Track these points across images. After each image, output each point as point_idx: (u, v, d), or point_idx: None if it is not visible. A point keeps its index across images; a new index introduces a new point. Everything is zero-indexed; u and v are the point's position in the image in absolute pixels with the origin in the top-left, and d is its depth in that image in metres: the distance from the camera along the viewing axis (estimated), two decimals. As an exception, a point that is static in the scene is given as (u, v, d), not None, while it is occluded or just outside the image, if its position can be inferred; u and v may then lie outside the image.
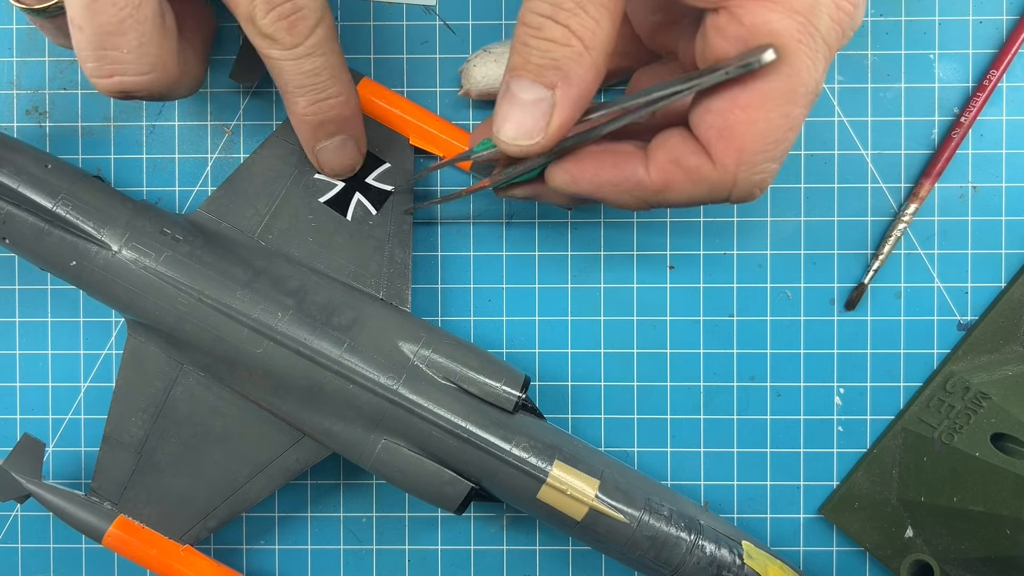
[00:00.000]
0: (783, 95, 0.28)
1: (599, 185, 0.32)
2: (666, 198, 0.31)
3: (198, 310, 0.36)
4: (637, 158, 0.31)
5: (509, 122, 0.30)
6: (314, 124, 0.36)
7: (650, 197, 0.31)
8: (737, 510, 0.42)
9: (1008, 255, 0.41)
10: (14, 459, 0.39)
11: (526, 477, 0.36)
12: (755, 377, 0.42)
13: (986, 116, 0.41)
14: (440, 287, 0.42)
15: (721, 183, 0.30)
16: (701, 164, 0.29)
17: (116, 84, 0.33)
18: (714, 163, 0.29)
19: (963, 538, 0.39)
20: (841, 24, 0.28)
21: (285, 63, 0.33)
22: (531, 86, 0.29)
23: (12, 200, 0.37)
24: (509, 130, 0.30)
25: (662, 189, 0.31)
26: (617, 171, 0.31)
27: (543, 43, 0.29)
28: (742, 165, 0.29)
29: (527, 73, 0.29)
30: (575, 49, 0.29)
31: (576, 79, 0.29)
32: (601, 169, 0.32)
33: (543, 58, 0.29)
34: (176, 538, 0.39)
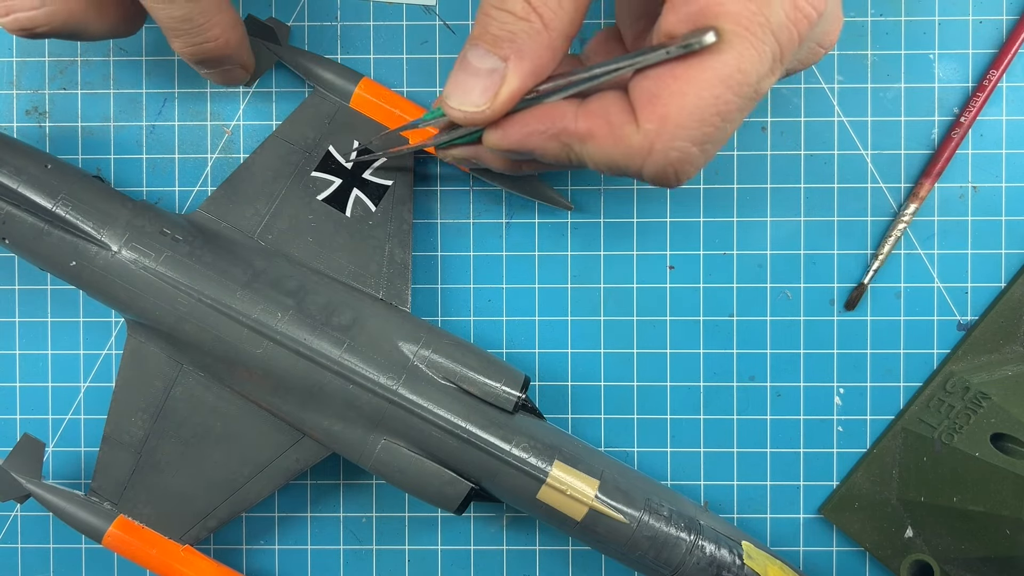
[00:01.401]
0: (719, 77, 0.28)
1: (528, 134, 0.31)
2: (587, 150, 0.31)
3: (198, 310, 0.36)
4: (569, 108, 0.31)
5: (458, 88, 0.31)
6: (193, 60, 0.36)
7: (573, 145, 0.31)
8: (737, 510, 0.42)
9: (1008, 255, 0.41)
10: (14, 459, 0.39)
11: (526, 477, 0.36)
12: (755, 377, 0.42)
13: (986, 116, 0.41)
14: (440, 287, 0.42)
15: (638, 148, 0.29)
16: (625, 123, 0.29)
17: (12, 21, 0.33)
18: (637, 125, 0.29)
19: (963, 538, 0.39)
20: (797, 25, 0.28)
21: (155, 9, 0.33)
22: (485, 55, 0.30)
23: (12, 200, 0.37)
24: (457, 96, 0.31)
25: (585, 137, 0.30)
26: (546, 118, 0.31)
27: (503, 15, 0.29)
28: (662, 135, 0.29)
29: (483, 42, 0.30)
30: (533, 25, 0.29)
31: (530, 54, 0.30)
32: (530, 118, 0.31)
33: (500, 29, 0.29)
34: (176, 538, 0.39)
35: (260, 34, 0.40)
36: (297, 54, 0.40)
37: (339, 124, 0.40)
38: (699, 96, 0.28)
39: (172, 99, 0.42)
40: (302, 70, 0.40)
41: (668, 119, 0.28)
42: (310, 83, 0.40)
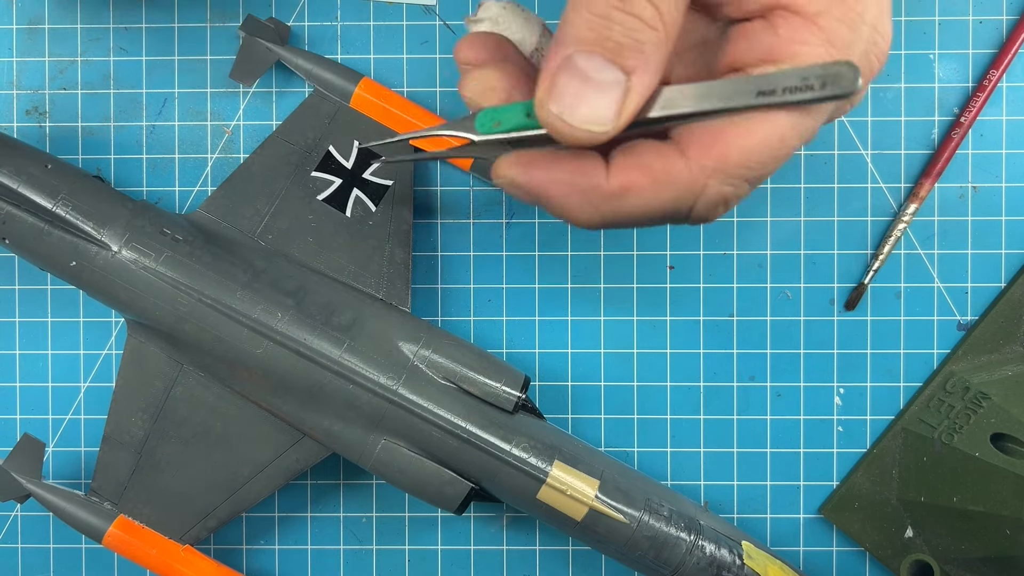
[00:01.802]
0: (791, 121, 0.27)
1: (552, 181, 0.28)
2: (621, 206, 0.28)
3: (198, 310, 0.36)
4: (597, 164, 0.28)
5: (575, 100, 0.26)
6: None
7: (604, 203, 0.28)
8: (737, 510, 0.42)
9: (1008, 255, 0.41)
10: (14, 459, 0.39)
11: (526, 477, 0.36)
12: (755, 377, 0.42)
13: (986, 116, 0.41)
14: (440, 287, 0.42)
15: (690, 187, 0.27)
16: (671, 165, 0.27)
17: None
18: (688, 164, 0.27)
19: (963, 538, 0.39)
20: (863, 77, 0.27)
21: None
22: (606, 66, 0.26)
23: (12, 200, 0.37)
24: (583, 112, 0.26)
25: (620, 193, 0.27)
26: (574, 169, 0.28)
27: (631, 20, 0.25)
28: (718, 172, 0.27)
29: (603, 51, 0.26)
30: (660, 35, 0.26)
31: (655, 68, 0.26)
32: (557, 163, 0.28)
33: (627, 36, 0.25)
34: (176, 538, 0.39)
35: (260, 34, 0.40)
36: (297, 54, 0.40)
37: (339, 124, 0.40)
38: (767, 136, 0.26)
39: (172, 99, 0.42)
40: (302, 70, 0.40)
41: (728, 156, 0.27)
42: (310, 83, 0.40)
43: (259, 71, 0.40)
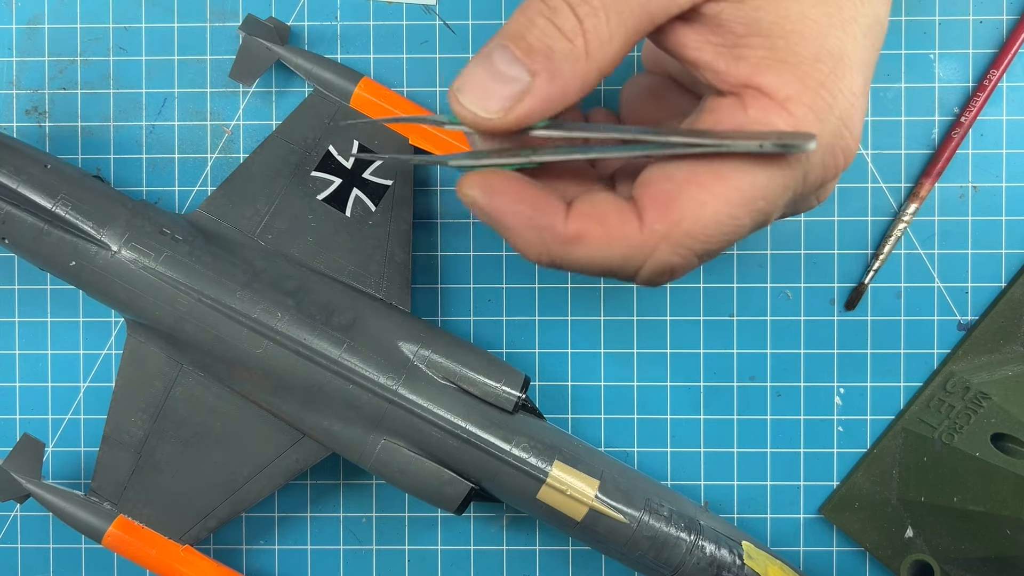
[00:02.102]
0: (743, 199, 0.27)
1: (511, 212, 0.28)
2: (571, 252, 0.28)
3: (198, 310, 0.36)
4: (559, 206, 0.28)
5: (475, 87, 0.27)
6: None
7: (556, 246, 0.28)
8: (737, 510, 0.42)
9: (1008, 255, 0.41)
10: (14, 459, 0.39)
11: (526, 477, 0.36)
12: (755, 377, 0.42)
13: (986, 116, 0.41)
14: (440, 287, 0.42)
15: (640, 249, 0.28)
16: (626, 223, 0.28)
17: None
18: (642, 225, 0.27)
19: (963, 538, 0.39)
20: (826, 171, 0.28)
21: None
22: (513, 62, 0.27)
23: (11, 200, 0.37)
24: (471, 95, 0.27)
25: (573, 240, 0.28)
26: (535, 205, 0.28)
27: (548, 26, 0.27)
28: (669, 239, 0.27)
29: (516, 47, 0.27)
30: (576, 50, 0.27)
31: (561, 79, 0.27)
32: (520, 196, 0.28)
33: (540, 41, 0.27)
34: (176, 538, 0.39)
35: (260, 34, 0.40)
36: (297, 54, 0.40)
37: (339, 124, 0.40)
38: (718, 212, 0.27)
39: (172, 99, 0.42)
40: (302, 70, 0.40)
41: (680, 226, 0.27)
42: (310, 83, 0.40)
43: (259, 71, 0.40)
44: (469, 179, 0.29)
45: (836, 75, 0.27)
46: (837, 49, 0.27)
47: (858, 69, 0.27)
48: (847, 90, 0.27)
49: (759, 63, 0.26)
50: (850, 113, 0.27)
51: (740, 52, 0.27)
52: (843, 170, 0.29)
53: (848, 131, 0.28)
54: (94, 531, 0.38)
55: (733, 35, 0.27)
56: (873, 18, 0.28)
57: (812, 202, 0.31)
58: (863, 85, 0.28)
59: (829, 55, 0.27)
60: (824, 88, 0.27)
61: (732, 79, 0.27)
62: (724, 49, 0.27)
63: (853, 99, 0.27)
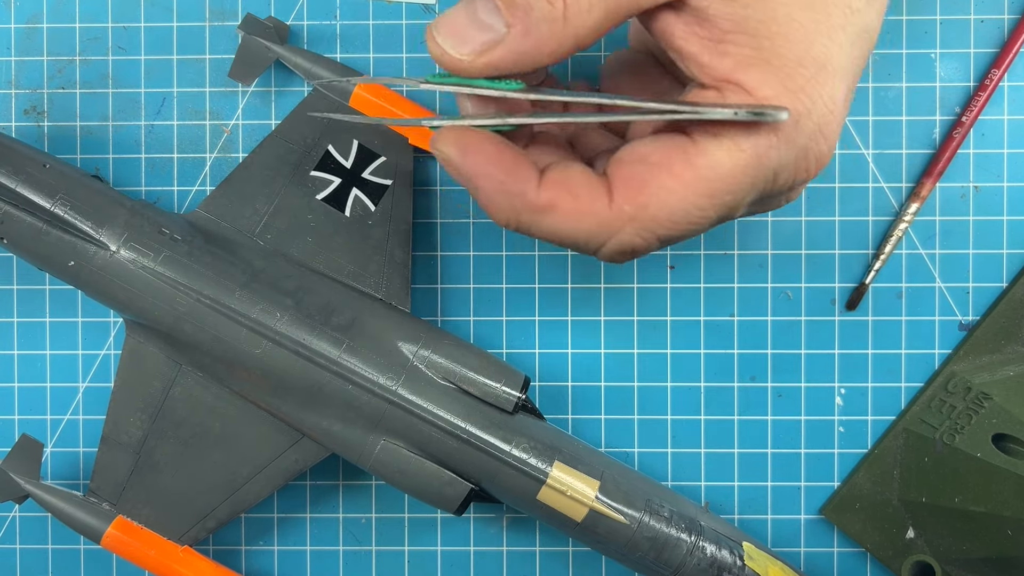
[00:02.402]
0: (709, 190, 0.27)
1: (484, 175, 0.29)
2: (539, 221, 0.29)
3: (197, 310, 0.36)
4: (532, 174, 0.29)
5: (453, 30, 0.28)
6: None
7: (525, 212, 0.29)
8: (738, 511, 0.42)
9: (1009, 255, 0.41)
10: (12, 460, 0.39)
11: (526, 478, 0.36)
12: (756, 377, 0.42)
13: (987, 115, 0.41)
14: (440, 287, 0.42)
15: (606, 227, 0.28)
16: (596, 199, 0.28)
17: None
18: (611, 204, 0.28)
19: (964, 539, 0.38)
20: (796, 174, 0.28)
21: None
22: (493, 12, 0.28)
23: (10, 200, 0.37)
24: (447, 36, 0.28)
25: (543, 209, 0.29)
26: (509, 170, 0.29)
27: None
28: (635, 221, 0.28)
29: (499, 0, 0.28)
30: (554, 11, 0.27)
31: (535, 37, 0.27)
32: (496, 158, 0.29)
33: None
34: (175, 539, 0.39)
35: (259, 33, 0.40)
36: (296, 53, 0.40)
37: (338, 123, 0.40)
38: (684, 200, 0.27)
39: (171, 98, 0.42)
40: (301, 69, 0.40)
41: (647, 209, 0.28)
42: (309, 83, 0.40)
43: (258, 70, 0.40)
44: (445, 135, 0.29)
45: (817, 81, 0.27)
46: (821, 56, 0.27)
47: (841, 77, 0.28)
48: (827, 97, 0.27)
49: (743, 60, 0.27)
50: (827, 120, 0.28)
51: (725, 48, 0.27)
52: (813, 176, 0.29)
53: (823, 138, 0.28)
54: (93, 532, 0.38)
55: (720, 30, 0.27)
56: (862, 27, 0.28)
57: (781, 202, 0.31)
58: (845, 93, 0.28)
59: (813, 61, 0.27)
60: (804, 93, 0.27)
61: (715, 73, 0.27)
62: (710, 43, 0.27)
63: (832, 106, 0.28)
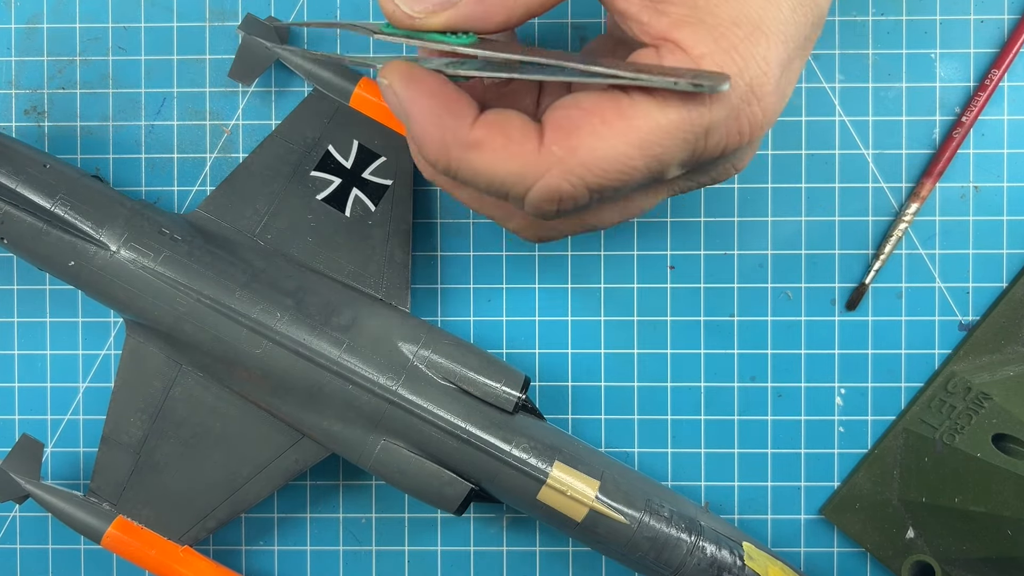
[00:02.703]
0: (639, 138, 0.27)
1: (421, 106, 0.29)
2: (468, 159, 0.29)
3: (197, 310, 0.36)
4: (471, 110, 0.29)
5: None
6: None
7: (456, 148, 0.29)
8: (738, 511, 0.42)
9: (1009, 255, 0.41)
10: (12, 459, 0.39)
11: (526, 478, 0.36)
12: (756, 377, 0.42)
13: (987, 116, 0.41)
14: (440, 287, 0.42)
15: (534, 167, 0.28)
16: (526, 140, 0.28)
17: None
18: (540, 145, 0.28)
19: (964, 539, 0.38)
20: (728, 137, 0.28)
21: None
22: None
23: (10, 200, 0.37)
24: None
25: (473, 146, 0.29)
26: (448, 105, 0.29)
27: None
28: (563, 163, 0.28)
29: None
30: None
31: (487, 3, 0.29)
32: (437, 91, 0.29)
33: None
34: (175, 539, 0.39)
35: (259, 33, 0.40)
36: (296, 53, 0.40)
37: (339, 124, 0.40)
38: (613, 148, 0.28)
39: (171, 99, 0.42)
40: (301, 69, 0.40)
41: (576, 152, 0.28)
42: (309, 82, 0.40)
43: (258, 70, 0.40)
44: (392, 66, 0.30)
45: (751, 41, 0.27)
46: (756, 16, 0.27)
47: (779, 40, 0.28)
48: (760, 57, 0.27)
49: (679, 20, 0.27)
50: (761, 81, 0.28)
51: (663, 7, 0.28)
52: (749, 139, 0.29)
53: (756, 99, 0.28)
54: (93, 532, 0.38)
55: None
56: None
57: (726, 170, 0.31)
58: (784, 57, 0.28)
59: (747, 20, 0.27)
60: (736, 51, 0.27)
61: (653, 31, 0.28)
62: (649, 3, 0.28)
63: (766, 67, 0.28)
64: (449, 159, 0.29)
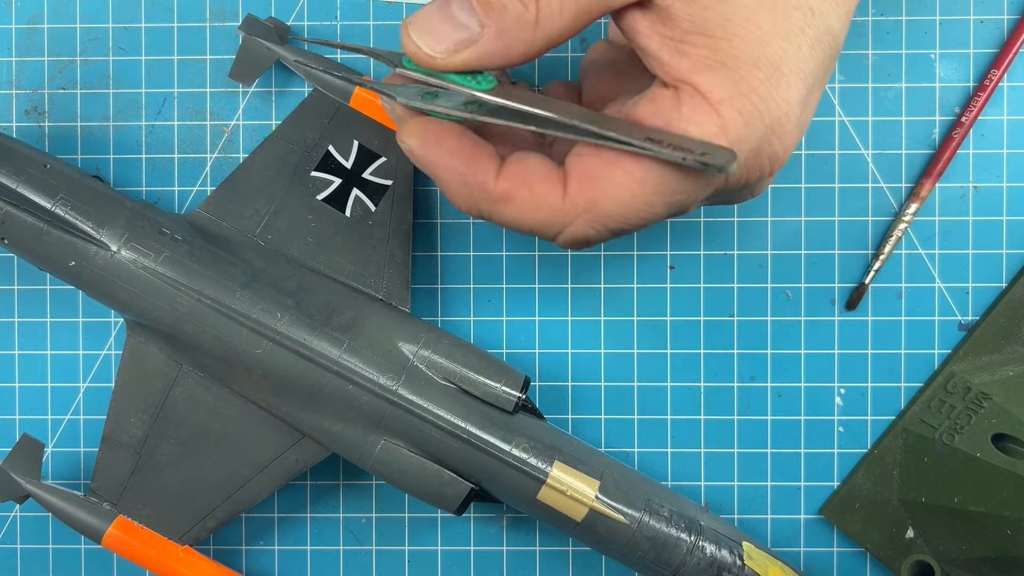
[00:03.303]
0: (660, 188, 0.28)
1: (445, 166, 0.30)
2: (498, 210, 0.30)
3: (197, 310, 0.36)
4: (491, 164, 0.30)
5: (427, 26, 0.29)
6: None
7: (484, 202, 0.30)
8: (737, 511, 0.42)
9: (1009, 255, 0.41)
10: (13, 459, 0.39)
11: (526, 478, 0.36)
12: (756, 377, 0.42)
13: (987, 116, 0.41)
14: (440, 287, 0.42)
15: (560, 217, 0.29)
16: (551, 192, 0.29)
17: None
18: (564, 196, 0.29)
19: (964, 539, 0.38)
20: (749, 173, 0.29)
21: None
22: (468, 12, 0.29)
23: (11, 200, 0.37)
24: (421, 32, 0.29)
25: (500, 199, 0.30)
26: (469, 162, 0.30)
27: None
28: (587, 213, 0.29)
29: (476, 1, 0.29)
30: (526, 14, 0.28)
31: (508, 38, 0.28)
32: (457, 150, 0.30)
33: None
34: (175, 539, 0.39)
35: (259, 33, 0.40)
36: (297, 53, 0.40)
37: (339, 124, 0.40)
38: (634, 196, 0.28)
39: (171, 99, 0.42)
40: (301, 70, 0.40)
41: (598, 203, 0.28)
42: (310, 83, 0.40)
43: (258, 71, 0.40)
44: (409, 127, 0.30)
45: (771, 83, 0.27)
46: (777, 57, 0.27)
47: (798, 79, 0.28)
48: (780, 98, 0.28)
49: (700, 62, 0.27)
50: (781, 121, 0.28)
51: (685, 48, 0.28)
52: (770, 174, 0.29)
53: (777, 138, 0.28)
54: (94, 531, 0.38)
55: (680, 30, 0.28)
56: (823, 30, 0.28)
57: (746, 195, 0.32)
58: (803, 95, 0.28)
59: (768, 62, 0.27)
60: (756, 94, 0.27)
61: (673, 72, 0.28)
62: (671, 42, 0.28)
63: (787, 107, 0.28)
64: (480, 212, 0.30)
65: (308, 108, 0.40)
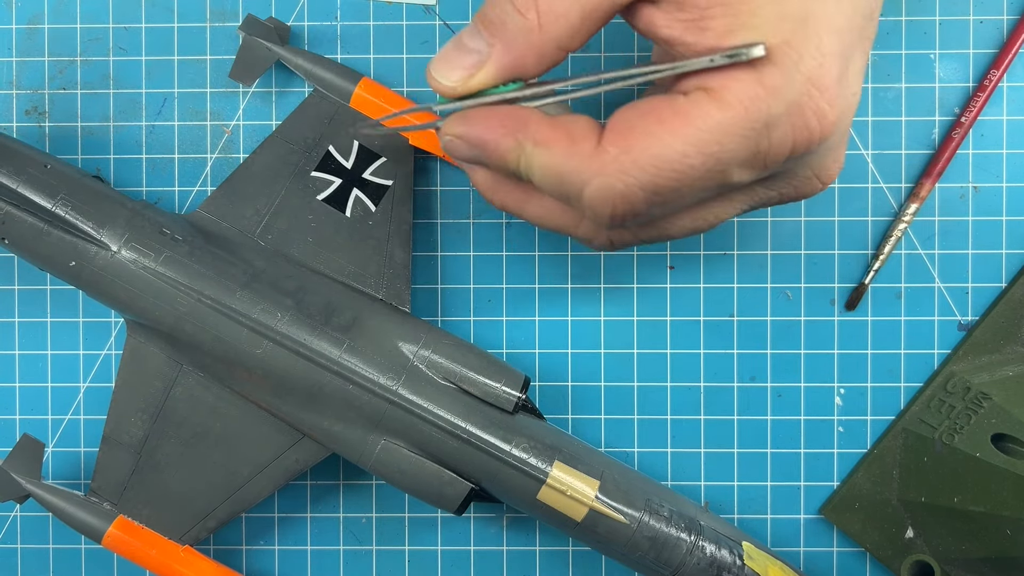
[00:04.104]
0: (695, 137, 0.28)
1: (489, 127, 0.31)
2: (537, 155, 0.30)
3: (197, 310, 0.36)
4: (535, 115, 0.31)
5: (444, 61, 0.31)
6: None
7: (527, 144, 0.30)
8: (737, 510, 0.42)
9: (1009, 255, 0.41)
10: (13, 459, 0.39)
11: (526, 478, 0.36)
12: (755, 377, 0.42)
13: (987, 116, 0.41)
14: (440, 287, 0.42)
15: (589, 164, 0.29)
16: (586, 139, 0.29)
17: None
18: (599, 145, 0.29)
19: (964, 539, 0.38)
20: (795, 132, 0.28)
21: None
22: (476, 35, 0.30)
23: (11, 200, 0.37)
24: (440, 68, 0.31)
25: (540, 141, 0.30)
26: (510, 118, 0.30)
27: (505, 2, 0.29)
28: (616, 162, 0.28)
29: (479, 22, 0.30)
30: (526, 22, 0.29)
31: (514, 50, 0.29)
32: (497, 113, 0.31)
33: (495, 15, 0.29)
34: (176, 538, 0.39)
35: (260, 34, 0.40)
36: (297, 54, 0.40)
37: (339, 124, 0.40)
38: (667, 145, 0.28)
39: (172, 99, 0.42)
40: (302, 70, 0.40)
41: (630, 151, 0.28)
42: (310, 83, 0.40)
43: (259, 71, 0.40)
44: (447, 122, 0.32)
45: (801, 33, 0.27)
46: (801, 12, 0.27)
47: (829, 30, 0.28)
48: (813, 48, 0.27)
49: (723, 31, 0.28)
50: (819, 73, 0.28)
51: (706, 24, 0.28)
52: (819, 136, 0.29)
53: (818, 91, 0.28)
54: (94, 531, 0.38)
55: (698, 9, 0.28)
56: None
57: (812, 181, 0.31)
58: (838, 49, 0.28)
59: (792, 16, 0.27)
60: (788, 45, 0.27)
61: (702, 48, 0.28)
62: (692, 23, 0.28)
63: (821, 59, 0.28)
64: (520, 156, 0.30)
65: (308, 108, 0.40)
